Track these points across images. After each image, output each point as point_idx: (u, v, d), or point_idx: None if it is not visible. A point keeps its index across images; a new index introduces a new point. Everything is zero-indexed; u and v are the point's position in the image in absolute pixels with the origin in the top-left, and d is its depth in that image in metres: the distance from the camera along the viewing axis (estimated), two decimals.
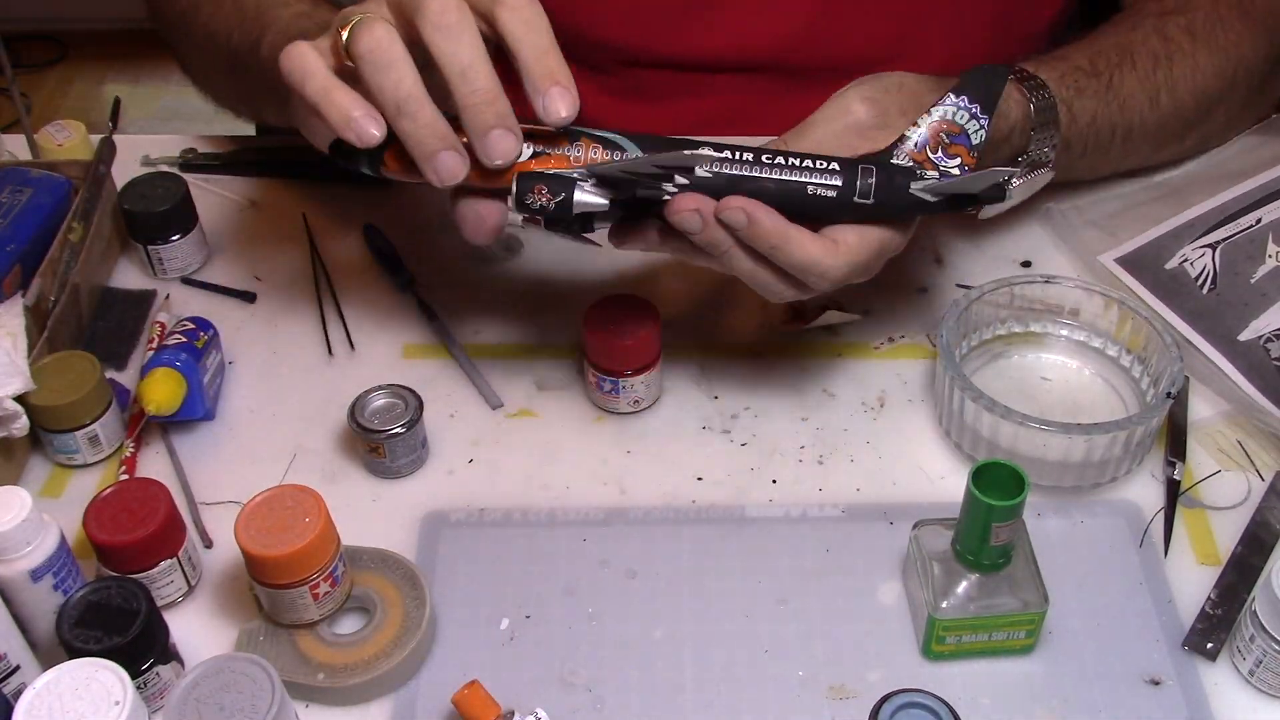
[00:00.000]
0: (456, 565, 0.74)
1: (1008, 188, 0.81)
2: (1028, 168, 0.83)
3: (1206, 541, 0.76)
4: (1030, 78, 0.83)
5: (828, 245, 0.70)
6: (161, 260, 0.92)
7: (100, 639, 0.63)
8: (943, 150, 0.71)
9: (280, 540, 0.65)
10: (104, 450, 0.80)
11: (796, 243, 0.69)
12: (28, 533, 0.66)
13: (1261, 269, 0.86)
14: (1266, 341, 0.83)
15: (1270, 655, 0.66)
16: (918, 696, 0.62)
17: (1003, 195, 0.73)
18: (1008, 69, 0.75)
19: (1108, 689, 0.68)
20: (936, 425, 0.82)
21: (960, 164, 0.71)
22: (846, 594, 0.73)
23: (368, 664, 0.68)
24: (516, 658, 0.70)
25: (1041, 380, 0.84)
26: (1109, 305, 0.82)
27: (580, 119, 0.69)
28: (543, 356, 0.87)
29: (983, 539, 0.66)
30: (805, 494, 0.78)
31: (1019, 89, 0.82)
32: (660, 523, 0.77)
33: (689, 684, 0.69)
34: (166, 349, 0.80)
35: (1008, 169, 0.72)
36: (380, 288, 0.92)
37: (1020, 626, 0.68)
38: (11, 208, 0.86)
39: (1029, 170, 0.83)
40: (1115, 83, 0.87)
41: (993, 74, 0.72)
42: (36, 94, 2.83)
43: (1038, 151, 0.83)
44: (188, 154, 1.02)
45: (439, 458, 0.80)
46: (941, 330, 0.79)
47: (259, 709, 0.61)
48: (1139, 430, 0.75)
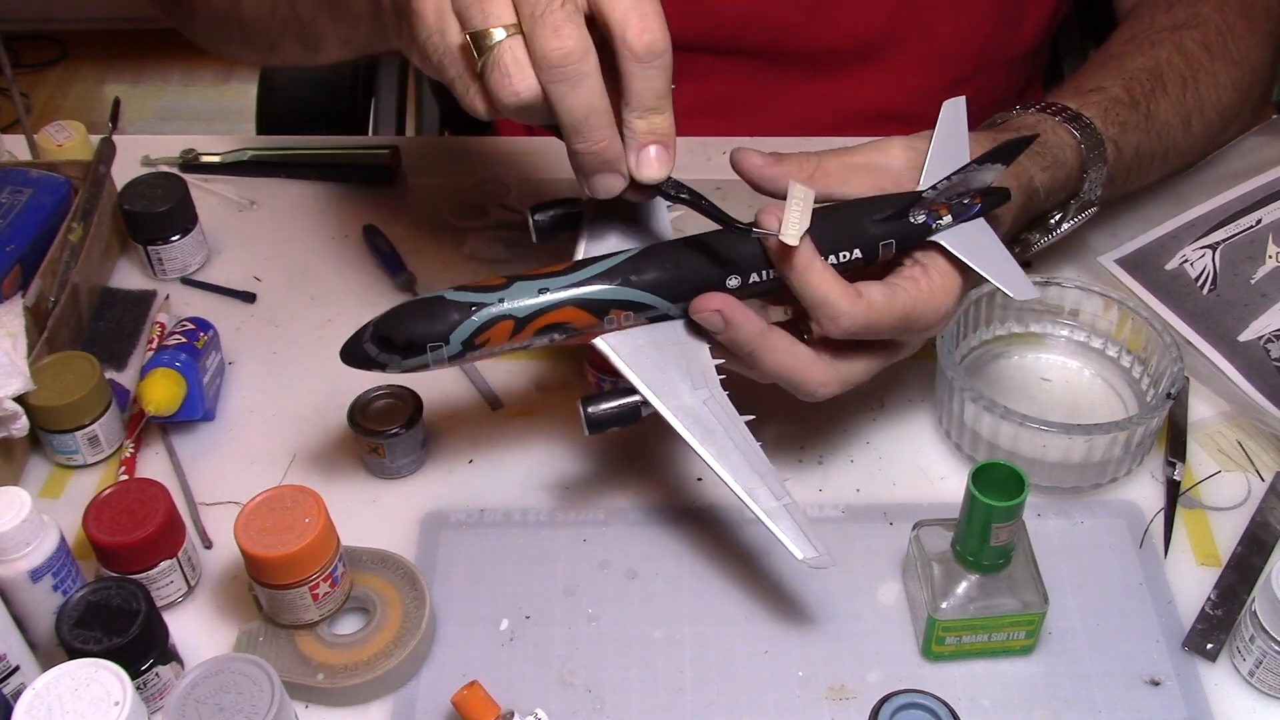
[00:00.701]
0: (456, 565, 0.74)
1: (1058, 230, 0.81)
2: (1078, 210, 0.83)
3: (1206, 542, 0.76)
4: (1076, 117, 0.82)
5: (851, 292, 0.67)
6: (161, 260, 0.92)
7: (100, 639, 0.63)
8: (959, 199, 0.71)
9: (280, 541, 0.65)
10: (104, 451, 0.80)
11: (819, 275, 0.67)
12: (27, 533, 0.66)
13: (1261, 269, 0.86)
14: (1266, 342, 0.83)
15: (1270, 656, 0.66)
16: (918, 697, 0.62)
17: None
18: (1034, 137, 0.74)
19: (1107, 689, 0.68)
20: (936, 426, 0.82)
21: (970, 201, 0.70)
22: (846, 594, 0.73)
23: (367, 664, 0.68)
24: (516, 658, 0.70)
25: (1041, 381, 0.84)
26: (1109, 306, 0.82)
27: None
28: (543, 357, 0.87)
29: (983, 539, 0.66)
30: (805, 494, 0.78)
31: (1069, 132, 0.81)
32: (660, 523, 0.77)
33: (689, 684, 0.69)
34: (166, 349, 0.80)
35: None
36: (380, 288, 0.92)
37: (1020, 627, 0.68)
38: (11, 208, 0.86)
39: (1079, 211, 0.83)
40: (1153, 111, 0.86)
41: (1019, 143, 0.72)
42: (36, 94, 2.83)
43: (1089, 192, 0.83)
44: (187, 154, 1.02)
45: (439, 458, 0.80)
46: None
47: (258, 709, 0.61)
48: (1139, 431, 0.75)
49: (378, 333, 0.67)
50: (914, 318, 0.68)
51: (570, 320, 0.67)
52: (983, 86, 1.03)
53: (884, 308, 0.67)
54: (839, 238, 0.69)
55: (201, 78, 2.87)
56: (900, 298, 0.68)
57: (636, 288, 0.67)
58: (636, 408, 0.68)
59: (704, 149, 1.02)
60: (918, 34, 1.02)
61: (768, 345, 0.67)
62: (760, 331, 0.67)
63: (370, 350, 0.67)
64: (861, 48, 1.00)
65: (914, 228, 0.70)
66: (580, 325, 0.67)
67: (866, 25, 1.01)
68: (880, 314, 0.67)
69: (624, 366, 0.68)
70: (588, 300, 0.67)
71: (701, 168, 1.00)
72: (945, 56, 1.04)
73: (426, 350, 0.66)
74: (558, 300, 0.66)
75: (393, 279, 0.92)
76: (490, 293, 0.66)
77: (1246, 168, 0.94)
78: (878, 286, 0.68)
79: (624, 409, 0.68)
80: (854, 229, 0.69)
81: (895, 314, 0.68)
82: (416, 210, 0.96)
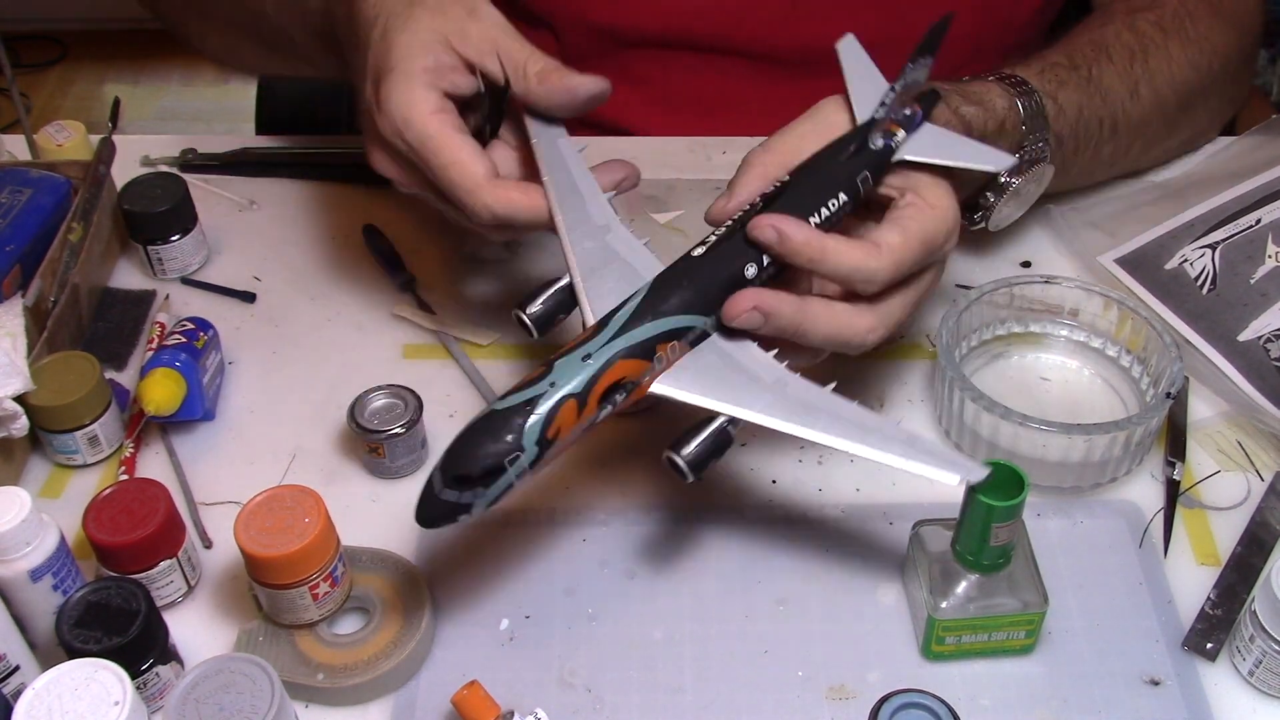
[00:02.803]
0: (456, 565, 0.74)
1: (1010, 185, 0.81)
2: (1027, 164, 0.83)
3: (1206, 542, 0.76)
4: (1010, 77, 0.83)
5: (869, 248, 0.68)
6: (161, 260, 0.92)
7: (100, 639, 0.63)
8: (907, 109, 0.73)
9: (280, 540, 0.65)
10: (104, 450, 0.80)
11: (834, 251, 0.67)
12: (27, 533, 0.66)
13: (1261, 269, 0.86)
14: (1266, 341, 0.83)
15: (1270, 655, 0.66)
16: (917, 697, 0.62)
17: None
18: (949, 15, 0.76)
19: (1108, 689, 0.68)
20: (936, 425, 0.82)
21: (911, 111, 0.73)
22: (846, 594, 0.73)
23: (367, 664, 0.68)
24: (516, 658, 0.70)
25: (1041, 380, 0.84)
26: (1109, 305, 0.82)
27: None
28: (542, 356, 0.86)
29: (982, 539, 0.66)
30: (805, 494, 0.78)
31: (1002, 88, 0.82)
32: (660, 523, 0.77)
33: (689, 684, 0.69)
34: (166, 349, 0.80)
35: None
36: (380, 288, 0.92)
37: (1020, 627, 0.68)
38: (11, 208, 0.86)
39: (1028, 166, 0.83)
40: (1095, 75, 0.87)
41: (938, 28, 0.74)
42: (36, 94, 2.83)
43: (1032, 148, 0.83)
44: (187, 154, 1.02)
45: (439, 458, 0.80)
46: (941, 330, 0.79)
47: (258, 709, 0.61)
48: (1139, 430, 0.75)
49: (449, 475, 0.62)
50: (932, 239, 0.70)
51: (625, 375, 0.65)
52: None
53: (903, 245, 0.69)
54: (819, 191, 0.70)
55: (201, 78, 2.87)
56: (912, 228, 0.69)
57: (669, 314, 0.66)
58: (725, 431, 0.66)
59: (703, 149, 1.02)
60: (904, 33, 1.02)
61: (809, 318, 0.68)
62: (798, 308, 0.68)
63: (450, 497, 0.62)
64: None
65: (878, 153, 0.71)
66: (635, 375, 0.65)
67: (850, 25, 1.01)
68: (904, 251, 0.69)
69: (693, 397, 0.66)
70: (632, 347, 0.65)
71: (702, 167, 1.01)
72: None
73: (506, 468, 0.61)
74: (606, 360, 0.64)
75: (393, 279, 0.92)
76: (538, 384, 0.63)
77: (1246, 168, 0.94)
78: (886, 228, 0.69)
79: (716, 438, 0.66)
80: (828, 178, 0.70)
81: (916, 244, 0.69)
82: (416, 210, 0.96)
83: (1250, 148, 0.97)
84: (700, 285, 0.67)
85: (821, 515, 0.77)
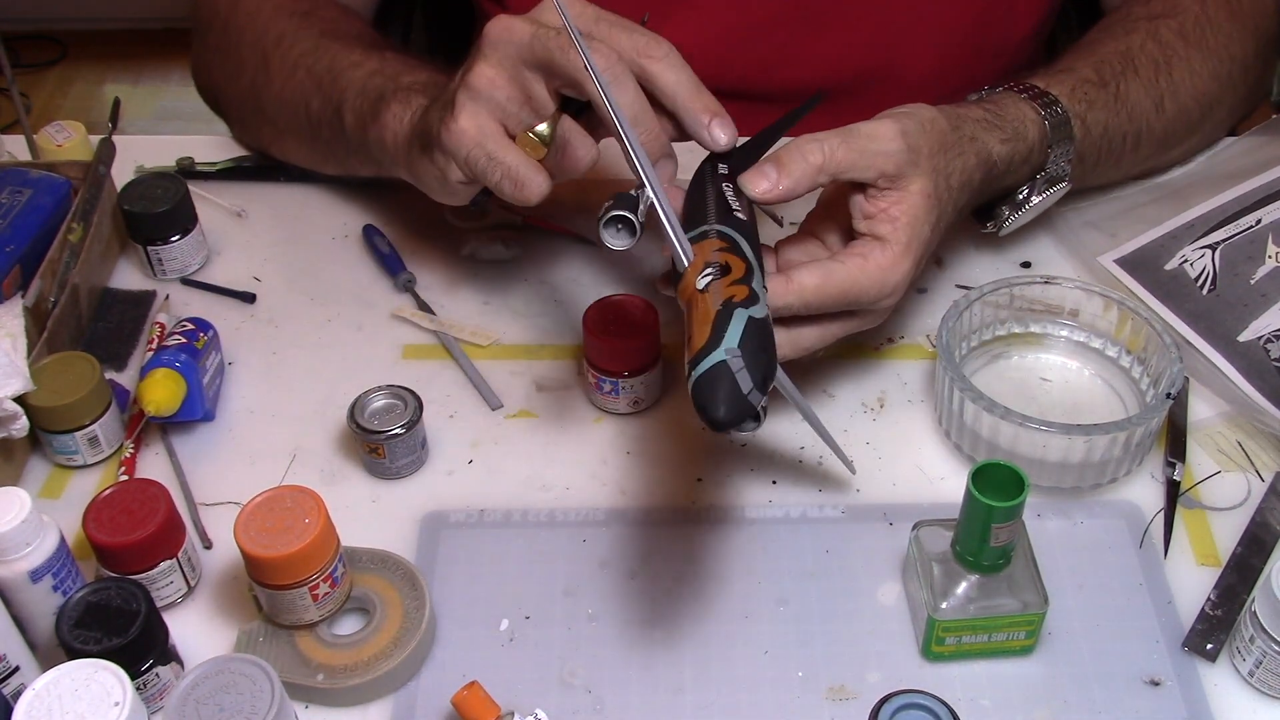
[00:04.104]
0: (456, 566, 0.74)
1: (1026, 205, 0.83)
2: (1046, 184, 0.84)
3: (1206, 542, 0.76)
4: (1043, 94, 0.83)
5: (783, 280, 0.70)
6: (161, 261, 0.92)
7: (100, 640, 0.63)
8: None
9: (280, 541, 0.65)
10: (104, 451, 0.80)
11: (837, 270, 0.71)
12: (27, 533, 0.66)
13: (1261, 269, 0.86)
14: (1266, 342, 0.83)
15: (1270, 656, 0.66)
16: (917, 697, 0.62)
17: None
18: (818, 96, 0.83)
19: (1107, 690, 0.68)
20: (936, 426, 0.82)
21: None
22: (846, 594, 0.73)
23: (367, 665, 0.68)
24: (516, 658, 0.70)
25: (1041, 381, 0.84)
26: (1109, 306, 0.82)
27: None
28: (542, 357, 0.87)
29: (982, 540, 0.66)
30: (805, 494, 0.78)
31: (1033, 108, 0.82)
32: (660, 523, 0.77)
33: (689, 684, 0.69)
34: (166, 350, 0.80)
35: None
36: (380, 288, 0.92)
37: (1020, 627, 0.68)
38: (11, 208, 0.86)
39: (1047, 186, 0.84)
40: (1122, 91, 0.88)
41: (804, 107, 0.80)
42: (36, 94, 2.83)
43: (1055, 167, 0.84)
44: (184, 162, 1.01)
45: (438, 458, 0.80)
46: (941, 331, 0.79)
47: (258, 710, 0.61)
48: (1139, 431, 0.75)
49: (758, 377, 0.61)
50: (856, 294, 0.71)
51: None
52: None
53: (816, 290, 0.70)
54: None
55: None
56: (836, 277, 0.71)
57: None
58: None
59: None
60: (895, 69, 1.02)
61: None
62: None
63: (756, 400, 0.61)
64: (838, 85, 1.01)
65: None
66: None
67: (841, 63, 1.02)
68: (816, 295, 0.70)
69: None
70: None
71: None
72: (925, 88, 1.04)
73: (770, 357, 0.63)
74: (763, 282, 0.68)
75: (393, 279, 0.92)
76: (754, 304, 0.64)
77: (1246, 168, 0.94)
78: (812, 269, 0.71)
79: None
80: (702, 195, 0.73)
81: (834, 293, 0.71)
82: (416, 210, 0.96)
83: (1250, 148, 0.97)
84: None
85: (821, 515, 0.77)
